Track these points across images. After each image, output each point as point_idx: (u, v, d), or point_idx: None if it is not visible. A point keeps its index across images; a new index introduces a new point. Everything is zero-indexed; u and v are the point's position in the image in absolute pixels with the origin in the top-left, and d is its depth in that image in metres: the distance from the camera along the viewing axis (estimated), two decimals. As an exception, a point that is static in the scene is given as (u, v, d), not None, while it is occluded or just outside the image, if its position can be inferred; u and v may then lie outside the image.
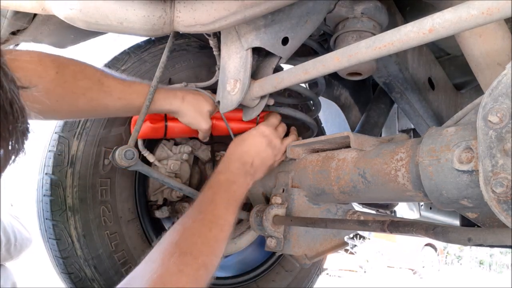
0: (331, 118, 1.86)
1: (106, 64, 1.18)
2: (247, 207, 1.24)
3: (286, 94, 1.39)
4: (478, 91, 1.28)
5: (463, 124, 0.78)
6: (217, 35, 1.13)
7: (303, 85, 1.41)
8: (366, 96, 1.78)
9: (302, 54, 1.30)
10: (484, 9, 0.63)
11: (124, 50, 1.22)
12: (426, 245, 9.91)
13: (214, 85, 1.16)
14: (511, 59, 0.99)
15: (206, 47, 1.27)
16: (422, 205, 2.00)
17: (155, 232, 1.26)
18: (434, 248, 10.21)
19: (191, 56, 1.28)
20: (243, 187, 1.03)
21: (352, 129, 1.73)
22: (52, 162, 1.10)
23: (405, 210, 2.04)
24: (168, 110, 1.08)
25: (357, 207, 1.61)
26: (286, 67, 1.18)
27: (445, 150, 0.75)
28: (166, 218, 1.32)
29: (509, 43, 1.00)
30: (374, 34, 1.07)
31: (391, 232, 0.78)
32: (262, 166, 1.09)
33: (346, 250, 8.25)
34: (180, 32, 1.01)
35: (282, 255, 1.52)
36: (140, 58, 1.21)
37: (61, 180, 1.09)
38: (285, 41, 1.02)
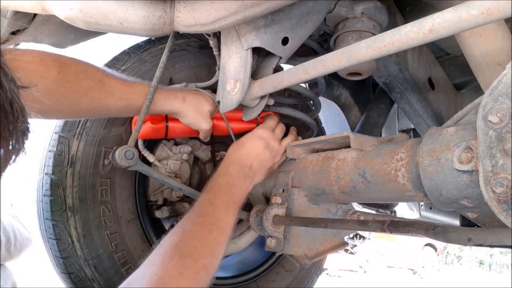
0: (331, 118, 1.86)
1: (106, 64, 1.18)
2: (247, 207, 1.24)
3: (286, 94, 1.39)
4: (478, 91, 1.28)
5: (463, 124, 0.78)
6: (217, 35, 1.13)
7: (303, 85, 1.41)
8: (366, 96, 1.78)
9: (302, 54, 1.30)
10: (484, 9, 0.63)
11: (124, 50, 1.22)
12: (426, 245, 9.91)
13: (214, 85, 1.17)
14: (511, 59, 0.99)
15: (206, 47, 1.27)
16: (422, 205, 2.00)
17: (155, 232, 1.26)
18: (434, 248, 10.21)
19: (191, 56, 1.28)
20: (242, 190, 1.03)
21: (352, 129, 1.73)
22: (52, 162, 1.10)
23: (405, 210, 2.04)
24: (168, 111, 1.08)
25: (357, 207, 1.61)
26: (286, 67, 1.18)
27: (445, 150, 0.75)
28: (166, 218, 1.32)
29: (509, 43, 1.00)
30: (374, 34, 1.08)
31: (391, 232, 0.78)
32: (261, 169, 1.09)
33: (346, 250, 8.25)
34: (180, 32, 1.01)
35: (282, 255, 1.52)
36: (140, 58, 1.21)
37: (61, 180, 1.09)
38: (285, 41, 1.02)
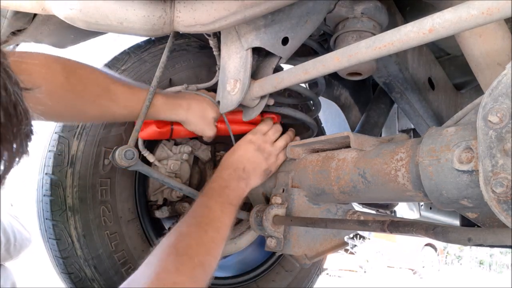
0: (331, 118, 1.86)
1: (106, 64, 1.18)
2: (247, 207, 1.24)
3: (286, 94, 1.38)
4: (478, 91, 1.28)
5: (463, 124, 0.78)
6: (217, 35, 1.13)
7: (303, 85, 1.41)
8: (366, 96, 1.78)
9: (302, 54, 1.30)
10: (484, 9, 0.63)
11: (124, 50, 1.22)
12: (426, 245, 9.91)
13: (215, 85, 1.16)
14: (511, 59, 0.99)
15: (206, 47, 1.27)
16: (422, 205, 2.00)
17: (155, 232, 1.26)
18: (434, 248, 10.22)
19: (191, 56, 1.28)
20: (236, 191, 1.04)
21: (352, 129, 1.73)
22: (52, 162, 1.10)
23: (405, 210, 2.04)
24: (174, 120, 1.11)
25: (357, 207, 1.61)
26: (286, 67, 1.18)
27: (445, 150, 0.75)
28: (166, 218, 1.32)
29: (509, 43, 1.00)
30: (374, 34, 1.07)
31: (391, 232, 0.78)
32: (255, 171, 1.10)
33: (346, 250, 8.25)
34: (180, 32, 1.01)
35: (282, 255, 1.52)
36: (140, 58, 1.21)
37: (61, 180, 1.09)
38: (285, 41, 1.02)
